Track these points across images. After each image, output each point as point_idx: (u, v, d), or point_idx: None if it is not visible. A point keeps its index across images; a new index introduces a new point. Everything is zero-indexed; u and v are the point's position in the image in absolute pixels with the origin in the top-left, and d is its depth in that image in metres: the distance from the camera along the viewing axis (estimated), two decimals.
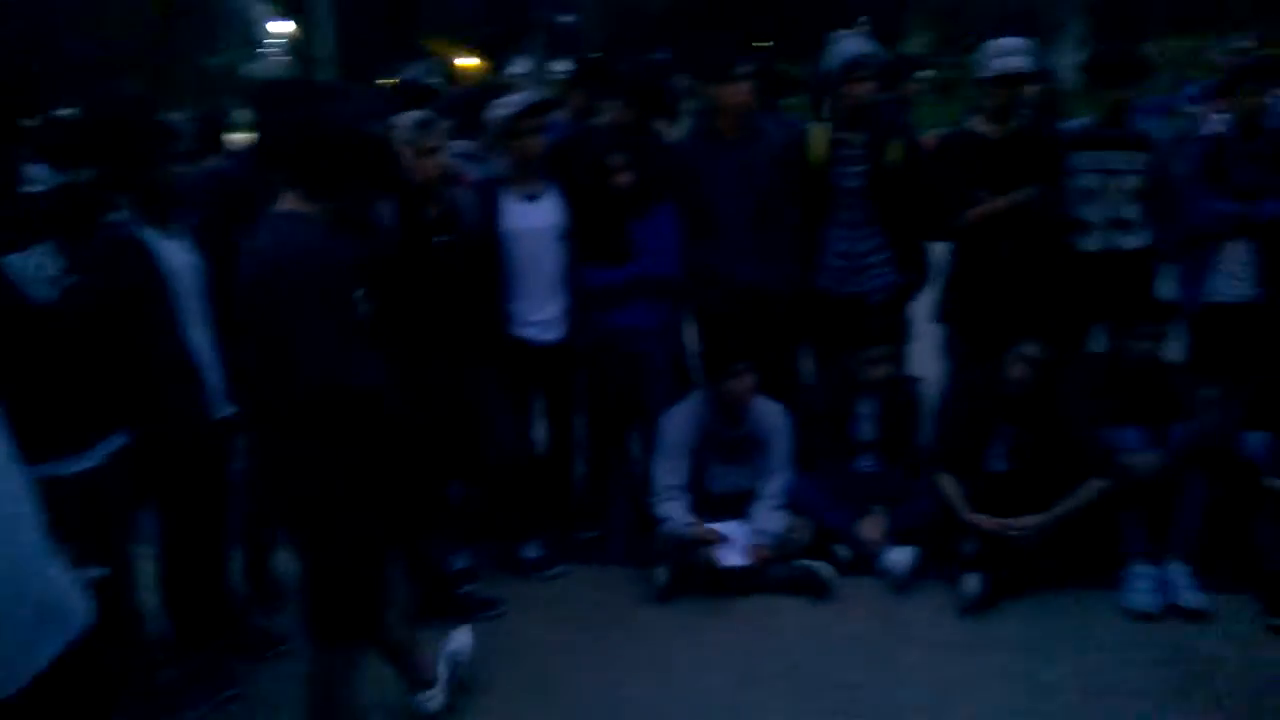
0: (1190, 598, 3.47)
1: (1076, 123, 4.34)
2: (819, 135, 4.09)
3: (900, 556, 3.74)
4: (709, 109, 4.12)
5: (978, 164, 4.07)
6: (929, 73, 13.48)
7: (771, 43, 16.24)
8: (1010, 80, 4.03)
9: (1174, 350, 4.14)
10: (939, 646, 3.38)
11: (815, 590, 3.69)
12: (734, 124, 4.03)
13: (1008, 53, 4.04)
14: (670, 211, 3.99)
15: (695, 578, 3.72)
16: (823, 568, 3.73)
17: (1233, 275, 4.07)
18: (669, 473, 3.87)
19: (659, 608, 3.69)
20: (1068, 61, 15.95)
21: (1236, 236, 4.04)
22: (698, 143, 4.17)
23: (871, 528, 3.86)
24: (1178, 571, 3.54)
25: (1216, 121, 5.11)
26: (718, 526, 3.81)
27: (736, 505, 3.91)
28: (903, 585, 3.71)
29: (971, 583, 3.54)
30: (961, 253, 4.20)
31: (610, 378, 4.06)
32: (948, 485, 3.82)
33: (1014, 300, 3.98)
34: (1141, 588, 3.51)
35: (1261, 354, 3.93)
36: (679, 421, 3.92)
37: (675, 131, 4.58)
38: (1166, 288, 4.27)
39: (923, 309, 4.32)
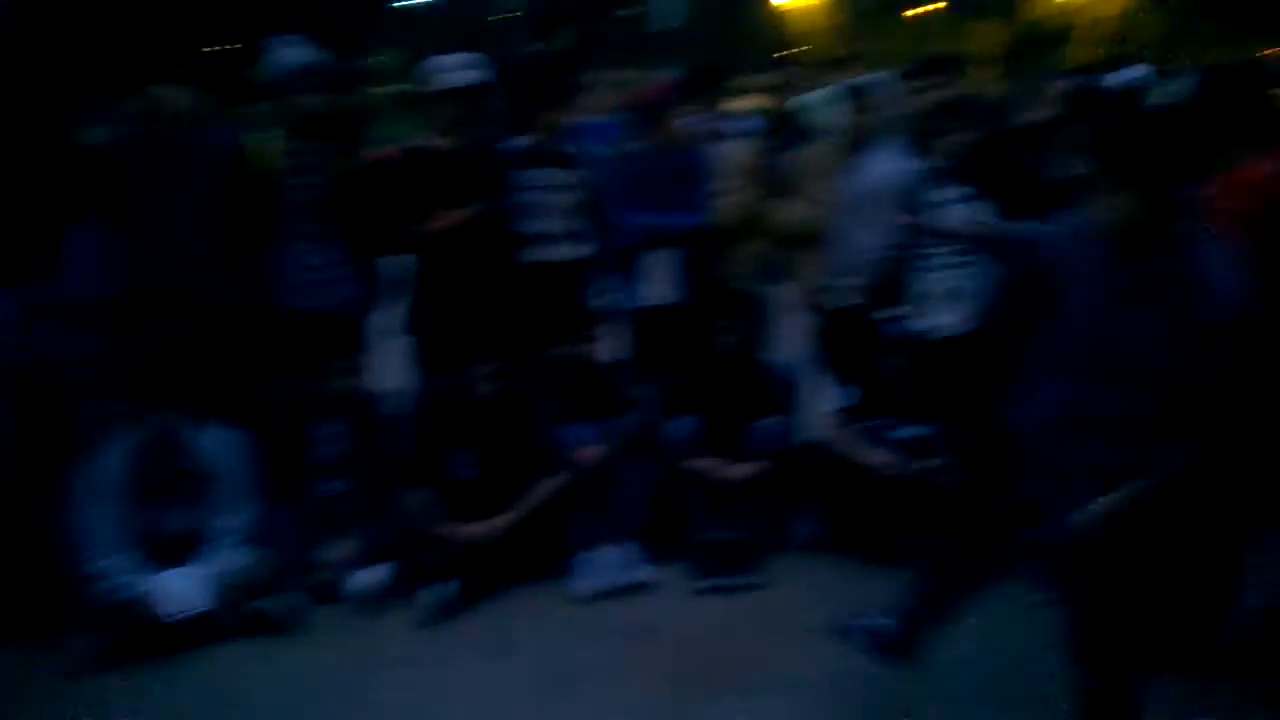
0: (636, 573, 3.81)
1: (520, 140, 4.58)
2: (271, 145, 3.93)
3: (370, 577, 3.70)
4: (147, 112, 3.80)
5: (431, 178, 4.14)
6: (398, 86, 13.53)
7: (239, 45, 15.29)
8: (458, 95, 4.13)
9: (618, 350, 4.54)
10: (410, 663, 3.38)
11: (280, 627, 3.52)
12: (173, 128, 3.79)
13: (455, 68, 4.15)
14: (99, 224, 3.60)
15: (141, 637, 3.37)
16: (290, 601, 3.57)
17: (659, 281, 4.51)
18: (103, 519, 3.46)
19: (93, 680, 3.28)
20: None
21: (658, 246, 4.50)
22: (133, 148, 3.83)
23: (342, 552, 3.76)
24: (624, 551, 3.86)
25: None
26: (167, 574, 3.48)
27: (188, 547, 3.59)
28: (375, 607, 3.67)
29: (435, 593, 3.59)
30: (423, 266, 4.25)
31: (33, 410, 3.56)
32: (416, 499, 3.84)
33: (472, 312, 4.11)
34: (592, 570, 3.79)
35: (687, 350, 4.42)
36: (112, 460, 3.52)
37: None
38: (611, 295, 4.68)
39: (392, 322, 4.31)
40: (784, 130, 4.34)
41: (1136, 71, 5.00)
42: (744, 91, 5.15)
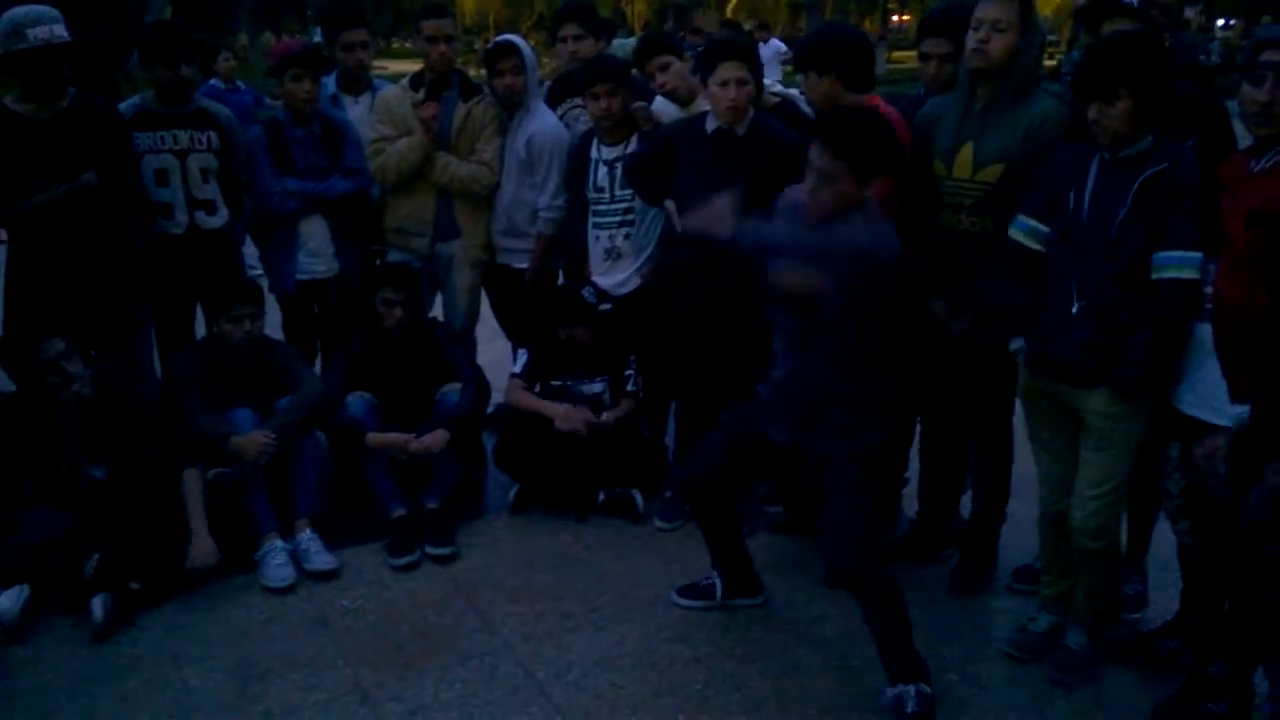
0: (320, 560, 3.60)
1: (135, 99, 4.12)
2: None
3: (7, 600, 3.21)
4: None
5: (23, 147, 3.62)
6: None
7: None
8: (43, 54, 3.62)
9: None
10: (73, 687, 2.99)
11: None
12: None
13: (42, 21, 3.63)
14: None
15: None
16: None
17: (313, 253, 4.26)
18: None
19: None
20: None
21: (310, 214, 4.24)
22: None
23: None
24: (306, 539, 3.65)
25: (273, 107, 5.35)
26: None
27: None
28: (17, 631, 3.20)
29: (97, 607, 3.20)
30: (14, 249, 3.77)
31: None
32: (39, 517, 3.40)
33: (71, 290, 3.72)
34: (276, 562, 3.54)
35: (353, 325, 4.22)
36: None
37: None
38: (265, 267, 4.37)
39: None
40: (447, 83, 4.22)
41: None
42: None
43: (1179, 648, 3.05)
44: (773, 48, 13.25)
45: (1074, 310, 2.77)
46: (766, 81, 3.84)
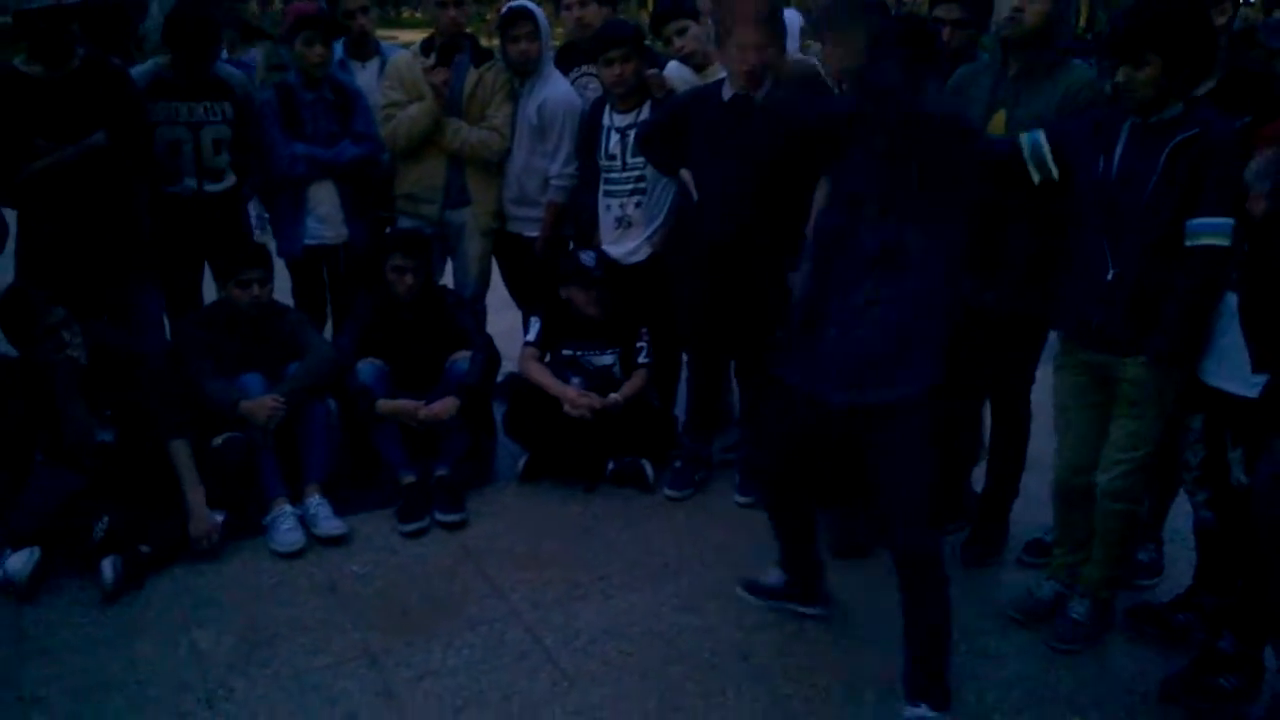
0: (329, 525, 3.60)
1: (150, 64, 4.09)
2: None
3: (18, 562, 3.22)
4: None
5: (31, 108, 3.59)
6: None
7: None
8: (53, 14, 3.57)
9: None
10: (83, 649, 3.00)
11: None
12: None
13: None
14: None
15: None
16: None
17: (322, 219, 4.24)
18: None
19: None
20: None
21: (319, 179, 4.21)
22: None
23: None
24: (316, 504, 3.64)
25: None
26: None
27: None
28: (28, 592, 3.21)
29: (107, 569, 3.21)
30: (23, 213, 3.76)
31: None
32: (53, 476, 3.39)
33: (78, 254, 3.70)
34: (285, 526, 3.54)
35: (365, 291, 4.19)
36: None
37: None
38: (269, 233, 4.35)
39: None
40: (458, 47, 4.17)
41: None
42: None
43: (1190, 621, 3.03)
44: (792, 17, 13.02)
45: (1109, 278, 2.74)
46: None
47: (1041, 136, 2.87)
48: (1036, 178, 2.88)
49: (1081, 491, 2.99)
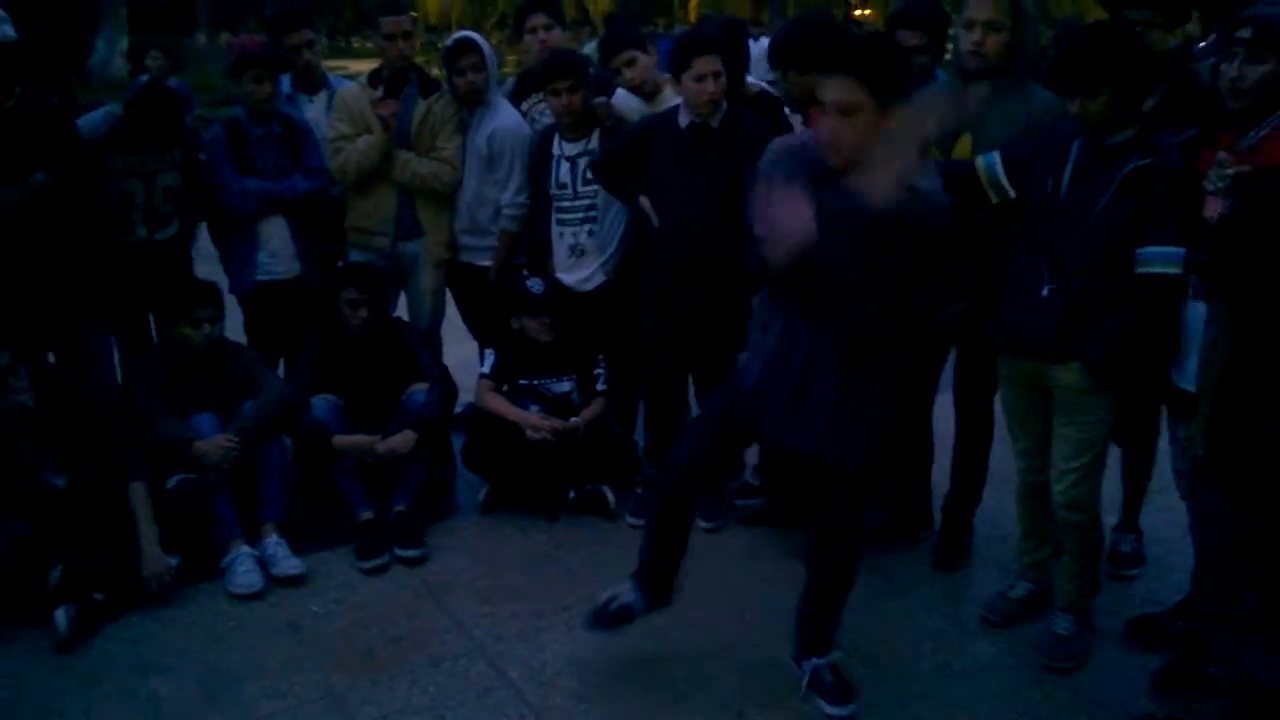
0: (288, 565, 3.55)
1: (102, 113, 4.03)
2: None
3: None
4: None
5: None
6: None
7: None
8: None
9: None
10: (39, 700, 2.93)
11: None
12: None
13: None
14: None
15: None
16: None
17: (274, 253, 4.19)
18: None
19: None
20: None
21: (270, 214, 4.17)
22: None
23: None
24: (273, 544, 3.60)
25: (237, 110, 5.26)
26: None
27: None
28: None
29: (61, 618, 3.14)
30: None
31: None
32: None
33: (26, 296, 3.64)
34: (243, 568, 3.49)
35: (316, 326, 4.16)
36: None
37: None
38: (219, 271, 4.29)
39: None
40: (405, 79, 4.17)
41: None
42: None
43: (1191, 626, 3.04)
44: (762, 46, 13.21)
45: (1044, 293, 2.80)
46: (752, 79, 3.87)
47: (996, 158, 2.94)
48: (994, 198, 2.94)
49: (1042, 488, 3.07)
